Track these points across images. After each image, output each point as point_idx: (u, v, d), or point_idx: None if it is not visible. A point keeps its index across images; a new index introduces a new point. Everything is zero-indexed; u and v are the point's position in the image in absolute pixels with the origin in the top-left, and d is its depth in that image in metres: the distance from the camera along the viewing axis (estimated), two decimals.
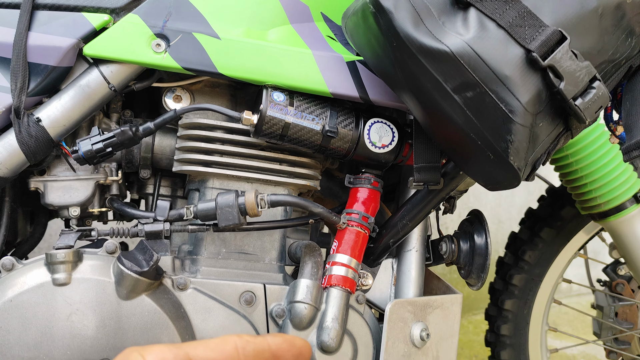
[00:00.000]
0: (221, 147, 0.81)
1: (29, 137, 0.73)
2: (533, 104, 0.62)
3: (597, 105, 0.62)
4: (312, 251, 0.81)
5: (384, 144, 0.80)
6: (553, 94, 0.62)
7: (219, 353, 0.36)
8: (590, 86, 0.62)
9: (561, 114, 0.65)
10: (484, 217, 0.87)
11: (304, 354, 0.40)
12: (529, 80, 0.61)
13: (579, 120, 0.63)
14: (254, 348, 0.37)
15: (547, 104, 0.63)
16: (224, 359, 0.36)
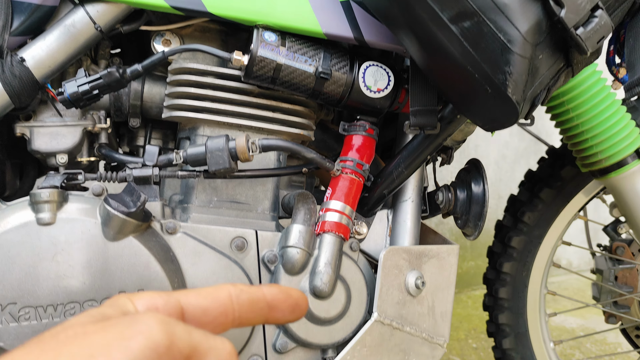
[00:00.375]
0: (212, 93, 0.78)
1: (12, 77, 0.71)
2: (533, 33, 0.59)
3: (599, 35, 0.60)
4: (305, 198, 0.80)
5: (379, 88, 0.78)
6: (554, 23, 0.60)
7: (212, 301, 0.35)
8: (592, 15, 0.59)
9: (562, 48, 0.62)
10: (482, 166, 0.85)
11: (300, 306, 0.39)
12: (529, 8, 0.59)
13: (580, 51, 0.60)
14: (249, 297, 0.36)
15: (547, 35, 0.61)
16: (217, 307, 0.35)
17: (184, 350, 0.29)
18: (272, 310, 0.37)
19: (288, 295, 0.38)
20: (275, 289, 0.38)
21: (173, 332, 0.29)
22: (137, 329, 0.28)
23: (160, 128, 0.91)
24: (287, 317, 0.38)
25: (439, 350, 0.81)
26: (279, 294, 0.37)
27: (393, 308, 0.77)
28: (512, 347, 1.33)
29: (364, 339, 0.74)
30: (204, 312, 0.34)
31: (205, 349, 0.30)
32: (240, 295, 0.35)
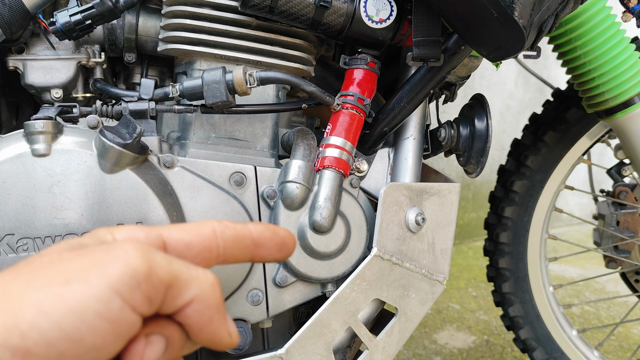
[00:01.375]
0: (209, 25, 0.76)
1: (2, 6, 0.69)
2: None
3: None
4: (305, 134, 0.78)
5: (381, 19, 0.75)
6: None
7: (196, 236, 0.34)
8: None
9: None
10: (486, 101, 0.83)
11: (287, 245, 0.38)
12: None
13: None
14: (234, 234, 0.35)
15: None
16: (201, 242, 0.34)
17: (164, 279, 0.28)
18: (258, 248, 0.36)
19: (275, 233, 0.37)
20: (261, 227, 0.37)
21: (152, 260, 0.28)
22: (115, 254, 0.28)
23: (156, 65, 0.89)
24: (273, 255, 0.37)
25: (438, 287, 0.81)
26: (265, 232, 0.37)
27: (393, 244, 0.76)
28: (511, 291, 1.34)
29: (363, 273, 0.74)
30: (187, 247, 0.34)
31: (186, 278, 0.30)
32: (225, 231, 0.35)
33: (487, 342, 1.91)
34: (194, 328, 0.31)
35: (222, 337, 0.31)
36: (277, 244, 0.37)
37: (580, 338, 1.37)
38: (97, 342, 0.26)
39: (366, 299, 0.75)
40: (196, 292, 0.30)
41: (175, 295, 0.29)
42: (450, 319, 2.10)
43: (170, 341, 0.31)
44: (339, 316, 0.73)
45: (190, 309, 0.30)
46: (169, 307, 0.30)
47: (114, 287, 0.26)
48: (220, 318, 0.31)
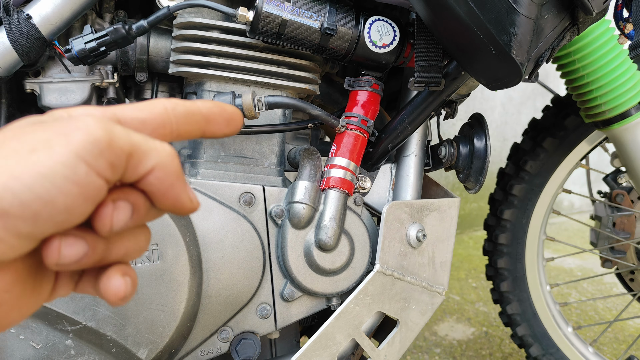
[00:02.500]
0: (217, 48, 0.79)
1: (20, 35, 0.72)
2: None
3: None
4: (310, 154, 0.82)
5: (384, 44, 0.78)
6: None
7: (148, 113, 0.35)
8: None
9: (568, 6, 0.62)
10: (484, 121, 0.86)
11: (235, 119, 0.40)
12: None
13: (586, 12, 0.60)
14: (185, 110, 0.37)
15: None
16: (154, 118, 0.35)
17: (124, 147, 0.30)
18: (208, 123, 0.38)
19: (223, 109, 0.39)
20: (209, 103, 0.39)
21: (112, 130, 0.30)
22: (76, 125, 0.29)
23: (166, 81, 0.92)
24: (223, 129, 0.39)
25: (437, 298, 0.85)
26: (213, 108, 0.39)
27: (395, 259, 0.80)
28: (509, 290, 1.39)
29: (366, 288, 0.78)
30: (142, 124, 0.35)
31: (145, 148, 0.32)
32: (176, 107, 0.36)
33: (486, 334, 1.96)
34: (157, 194, 0.33)
35: (184, 202, 0.34)
36: (226, 119, 0.39)
37: (576, 334, 1.41)
38: (68, 203, 0.28)
39: (369, 312, 0.79)
40: (156, 161, 0.32)
41: (137, 163, 0.31)
42: (450, 311, 2.16)
43: (136, 207, 0.33)
44: (343, 329, 0.77)
45: (152, 176, 0.32)
46: (132, 175, 0.32)
47: (78, 154, 0.28)
48: (180, 185, 0.33)
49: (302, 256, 0.78)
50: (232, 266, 0.76)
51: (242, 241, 0.76)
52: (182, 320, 0.72)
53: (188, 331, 0.74)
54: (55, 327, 0.68)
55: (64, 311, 0.67)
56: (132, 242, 0.34)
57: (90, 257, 0.32)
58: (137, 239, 0.35)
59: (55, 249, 0.30)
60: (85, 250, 0.31)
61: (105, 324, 0.69)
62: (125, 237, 0.34)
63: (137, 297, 0.69)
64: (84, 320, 0.68)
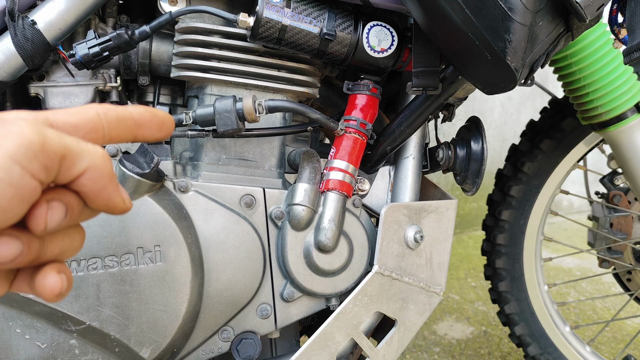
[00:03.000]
0: (218, 53, 0.80)
1: (25, 40, 0.73)
2: (533, 1, 0.60)
3: (598, 3, 0.61)
4: (310, 157, 0.83)
5: (383, 48, 0.79)
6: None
7: (81, 118, 0.36)
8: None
9: (562, 13, 0.64)
10: (481, 124, 0.87)
11: (166, 125, 0.41)
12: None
13: (579, 19, 0.62)
14: (116, 115, 0.38)
15: (547, 2, 0.62)
16: (86, 123, 0.36)
17: (57, 150, 0.31)
18: (140, 128, 0.39)
19: (154, 114, 0.40)
20: (141, 109, 0.40)
21: (45, 134, 0.31)
22: (9, 129, 0.30)
23: (168, 85, 0.94)
24: (155, 134, 0.40)
25: (435, 298, 0.86)
26: (145, 113, 0.40)
27: (393, 260, 0.82)
28: (507, 290, 1.40)
29: (365, 289, 0.79)
30: (74, 129, 0.36)
31: (78, 151, 0.33)
32: (108, 113, 0.37)
33: (485, 333, 1.97)
34: (90, 195, 0.34)
35: (117, 202, 0.35)
36: (157, 124, 0.40)
37: (573, 334, 1.43)
38: (3, 203, 0.29)
39: (368, 312, 0.80)
40: (88, 163, 0.33)
41: (70, 165, 0.32)
42: (449, 310, 2.17)
43: (70, 207, 0.34)
44: (342, 329, 0.79)
45: (85, 178, 0.33)
46: (65, 176, 0.33)
47: (12, 157, 0.29)
48: (112, 185, 0.35)
49: (302, 257, 0.79)
50: (233, 267, 0.77)
51: (243, 242, 0.77)
52: (184, 320, 0.73)
53: (190, 331, 0.76)
54: (60, 327, 0.69)
55: (69, 311, 0.69)
56: (67, 241, 0.36)
57: (26, 256, 0.33)
58: (71, 238, 0.36)
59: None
60: (20, 249, 0.32)
61: (109, 324, 0.70)
62: (60, 237, 0.35)
63: (140, 297, 0.71)
64: (88, 320, 0.69)
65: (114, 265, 0.70)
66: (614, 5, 0.80)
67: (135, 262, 0.71)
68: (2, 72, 0.74)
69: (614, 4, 0.80)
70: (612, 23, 0.81)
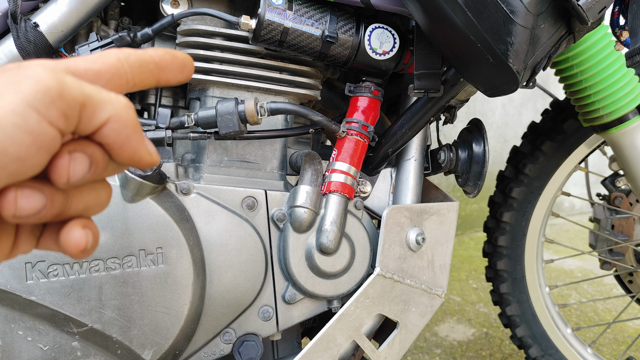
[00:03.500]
0: (220, 55, 0.80)
1: (27, 43, 0.73)
2: (535, 4, 0.60)
3: (600, 5, 0.61)
4: (312, 159, 0.83)
5: (384, 51, 0.79)
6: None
7: (101, 64, 0.34)
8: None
9: (564, 16, 0.64)
10: (483, 126, 0.87)
11: (187, 66, 0.40)
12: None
13: (581, 21, 0.62)
14: (137, 59, 0.36)
15: (549, 5, 0.62)
16: (109, 69, 0.35)
17: (77, 97, 0.29)
18: (162, 71, 0.38)
19: (174, 56, 0.39)
20: (161, 51, 0.38)
21: (63, 80, 0.29)
22: (26, 73, 0.29)
23: (170, 86, 0.94)
24: (177, 77, 0.39)
25: (437, 300, 0.86)
26: (165, 55, 0.38)
27: (394, 262, 0.82)
28: (508, 292, 1.40)
29: (367, 291, 0.79)
30: (96, 76, 0.34)
31: (99, 99, 0.31)
32: (128, 57, 0.36)
33: (486, 335, 1.97)
34: (114, 147, 0.32)
35: (142, 155, 0.33)
36: (179, 66, 0.39)
37: (575, 336, 1.42)
38: (20, 152, 0.27)
39: (369, 314, 0.80)
40: (111, 113, 0.31)
41: (91, 114, 0.31)
42: (451, 311, 2.17)
43: (94, 159, 0.32)
44: (344, 331, 0.79)
45: (108, 128, 0.31)
46: (87, 127, 0.31)
47: (28, 102, 0.28)
48: (138, 137, 0.33)
49: (304, 259, 0.79)
50: (235, 269, 0.77)
51: (245, 245, 0.78)
52: (186, 322, 0.73)
53: (192, 333, 0.76)
54: (62, 329, 0.69)
55: (71, 313, 0.69)
56: (92, 197, 0.34)
57: (49, 210, 0.31)
58: (97, 193, 0.34)
59: (12, 200, 0.29)
60: (43, 202, 0.31)
61: (111, 326, 0.70)
62: (85, 191, 0.34)
63: (142, 299, 0.71)
64: (90, 323, 0.69)
65: (116, 267, 0.70)
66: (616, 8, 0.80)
67: (137, 264, 0.71)
68: None
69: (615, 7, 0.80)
70: (614, 25, 0.81)
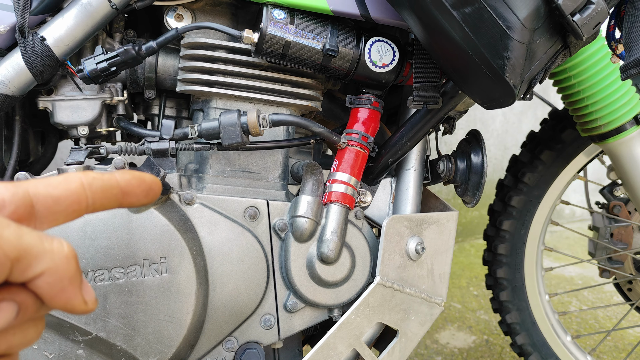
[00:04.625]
0: (223, 67, 0.82)
1: (34, 56, 0.75)
2: (531, 19, 0.62)
3: (595, 21, 0.62)
4: (313, 169, 0.84)
5: (384, 64, 0.81)
6: (551, 9, 0.62)
7: (63, 190, 0.34)
8: (589, 1, 0.62)
9: (559, 31, 0.65)
10: (481, 137, 0.89)
11: (154, 189, 0.39)
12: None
13: (577, 37, 0.63)
14: (102, 185, 0.36)
15: (545, 20, 0.63)
16: (68, 196, 0.34)
17: (9, 253, 0.29)
18: (126, 195, 0.38)
19: (141, 180, 0.39)
20: (128, 175, 0.38)
21: (0, 234, 0.29)
22: None
23: (174, 98, 0.95)
24: (141, 200, 0.39)
25: (436, 309, 0.87)
26: (132, 180, 0.38)
27: (394, 272, 0.83)
28: (508, 300, 1.41)
29: (367, 300, 0.81)
30: (56, 202, 0.34)
31: (38, 252, 0.30)
32: (92, 183, 0.35)
33: (487, 342, 1.98)
34: (46, 297, 0.32)
35: (75, 304, 0.33)
36: (144, 190, 0.39)
37: (575, 343, 1.43)
38: None
39: (370, 323, 0.81)
40: (48, 265, 0.31)
41: (25, 268, 0.30)
42: (451, 319, 2.17)
43: (23, 307, 0.31)
44: (344, 340, 0.80)
45: (41, 280, 0.31)
46: (19, 277, 0.30)
47: None
48: (73, 289, 0.32)
49: (305, 269, 0.81)
50: (237, 278, 0.78)
51: (247, 254, 0.79)
52: (189, 330, 0.75)
53: (194, 341, 0.77)
54: (68, 337, 0.70)
55: (76, 322, 0.70)
56: (18, 337, 0.33)
57: None
58: (24, 332, 0.33)
59: None
60: None
61: (116, 334, 0.71)
62: (10, 332, 0.33)
63: (146, 308, 0.72)
64: (95, 331, 0.71)
65: (121, 276, 0.71)
66: (612, 21, 0.81)
67: (141, 273, 0.72)
68: (12, 87, 0.75)
69: (611, 20, 0.81)
70: (610, 39, 0.82)
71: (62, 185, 0.34)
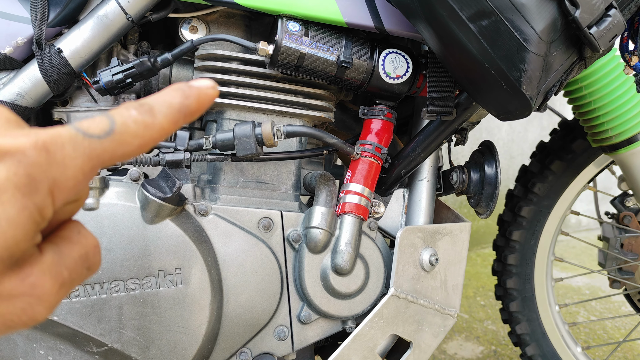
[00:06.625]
0: (237, 79, 0.82)
1: (51, 68, 0.75)
2: (548, 32, 0.62)
3: (611, 34, 0.62)
4: (326, 180, 0.84)
5: (398, 75, 0.81)
6: (568, 22, 0.62)
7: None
8: (606, 14, 0.62)
9: (575, 43, 0.65)
10: (494, 148, 0.89)
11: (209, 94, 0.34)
12: (545, 8, 0.62)
13: (593, 49, 0.63)
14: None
15: (561, 33, 0.63)
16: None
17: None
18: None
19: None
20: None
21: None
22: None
23: None
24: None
25: (450, 320, 0.87)
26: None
27: (408, 283, 0.82)
28: (518, 310, 1.40)
29: (381, 312, 0.80)
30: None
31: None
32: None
33: (495, 353, 1.96)
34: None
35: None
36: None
37: (585, 354, 1.42)
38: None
39: (383, 334, 0.81)
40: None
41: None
42: (459, 329, 2.16)
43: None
44: (358, 352, 0.79)
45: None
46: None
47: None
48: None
49: (319, 280, 0.81)
50: (251, 289, 0.78)
51: (261, 265, 0.79)
52: (203, 342, 0.74)
53: (209, 353, 0.77)
54: (83, 348, 0.70)
55: (91, 333, 0.70)
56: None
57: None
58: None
59: None
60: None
61: (130, 346, 0.71)
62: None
63: (161, 319, 0.72)
64: (110, 342, 0.71)
65: (136, 287, 0.71)
66: (625, 33, 0.81)
67: (156, 284, 0.72)
68: (28, 99, 0.76)
69: (625, 32, 0.81)
70: (623, 50, 0.82)
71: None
